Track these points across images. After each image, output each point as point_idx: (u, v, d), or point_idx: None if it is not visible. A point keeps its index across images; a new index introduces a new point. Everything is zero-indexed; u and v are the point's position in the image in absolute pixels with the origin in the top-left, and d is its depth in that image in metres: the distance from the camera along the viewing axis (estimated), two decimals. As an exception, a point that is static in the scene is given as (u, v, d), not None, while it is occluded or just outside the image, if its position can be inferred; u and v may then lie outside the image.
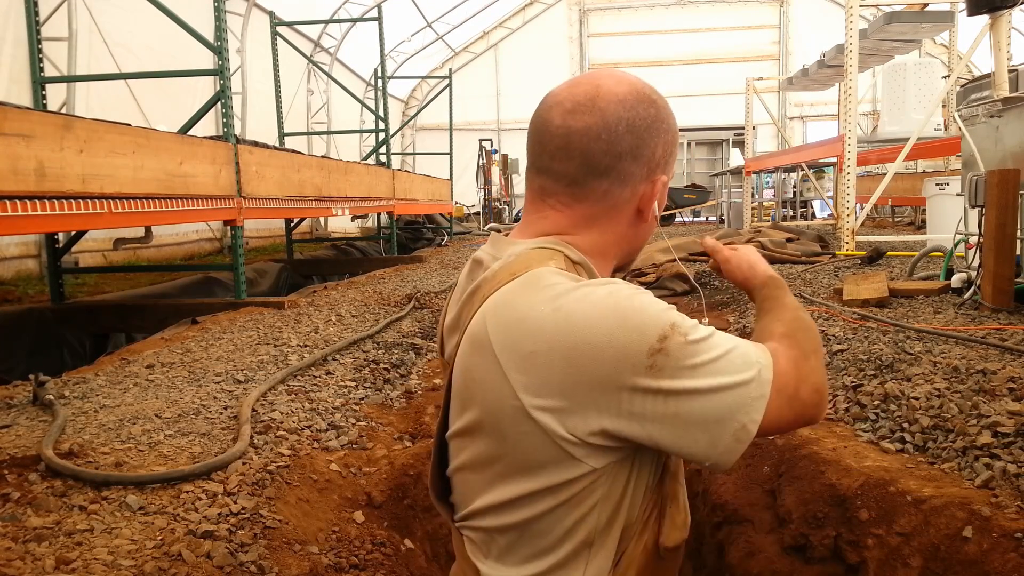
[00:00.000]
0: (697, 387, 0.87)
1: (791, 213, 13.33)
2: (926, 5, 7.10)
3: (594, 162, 0.98)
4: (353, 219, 11.53)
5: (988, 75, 4.97)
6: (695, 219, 17.53)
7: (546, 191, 1.02)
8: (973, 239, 3.59)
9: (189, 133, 4.69)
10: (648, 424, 0.88)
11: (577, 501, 0.92)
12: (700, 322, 0.92)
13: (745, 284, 1.22)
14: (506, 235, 1.07)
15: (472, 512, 1.00)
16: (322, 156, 8.76)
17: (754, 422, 0.88)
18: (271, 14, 9.08)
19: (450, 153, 14.16)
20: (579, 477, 0.91)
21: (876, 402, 2.04)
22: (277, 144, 8.13)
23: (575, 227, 1.02)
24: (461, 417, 0.97)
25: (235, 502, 1.79)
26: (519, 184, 19.06)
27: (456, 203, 14.19)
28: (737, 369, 0.88)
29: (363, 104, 12.02)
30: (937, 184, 6.00)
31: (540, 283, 0.92)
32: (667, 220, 16.28)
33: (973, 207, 3.47)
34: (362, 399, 2.83)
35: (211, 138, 5.14)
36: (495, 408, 0.91)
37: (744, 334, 3.52)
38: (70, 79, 7.02)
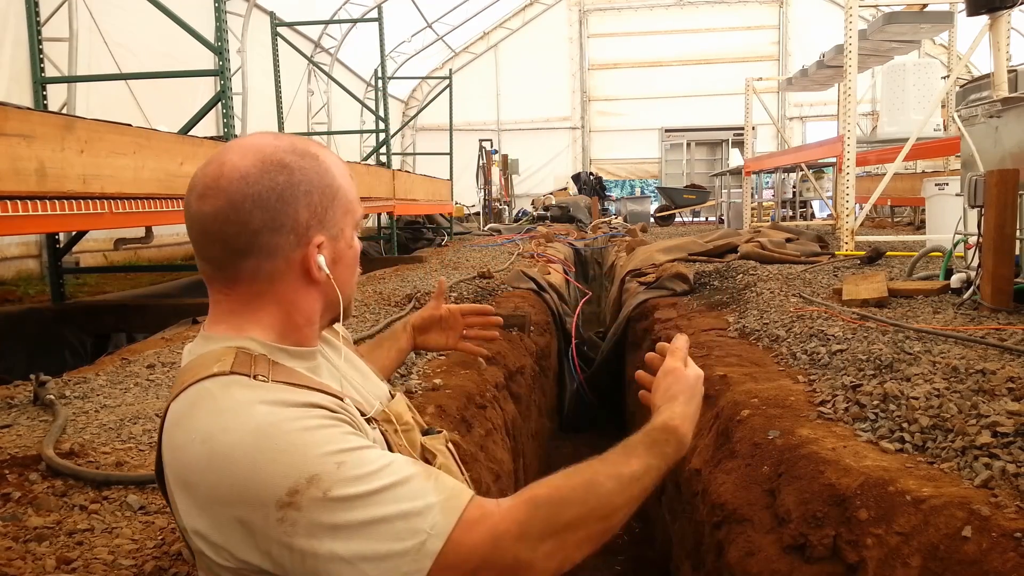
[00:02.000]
0: (336, 553, 0.79)
1: (790, 213, 13.33)
2: (926, 5, 7.10)
3: (233, 244, 0.95)
4: (353, 219, 11.51)
5: (987, 75, 4.98)
6: (695, 219, 17.53)
7: (208, 277, 1.00)
8: (972, 239, 3.59)
9: (190, 133, 4.70)
10: None
11: None
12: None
13: (650, 408, 1.11)
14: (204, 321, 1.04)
15: None
16: (322, 156, 8.75)
17: None
18: (271, 14, 9.09)
19: (450, 153, 14.17)
20: None
21: (875, 402, 2.04)
22: (277, 144, 8.13)
23: (245, 309, 0.98)
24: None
25: (236, 502, 1.79)
26: (519, 184, 19.08)
27: (456, 203, 14.19)
28: (393, 536, 0.80)
29: (363, 104, 12.03)
30: (936, 184, 6.00)
31: (202, 404, 0.88)
32: (667, 220, 16.29)
33: (972, 207, 3.47)
34: (362, 399, 2.83)
35: (212, 138, 5.14)
36: (178, 521, 0.90)
37: (743, 334, 3.50)
38: (71, 79, 7.03)
